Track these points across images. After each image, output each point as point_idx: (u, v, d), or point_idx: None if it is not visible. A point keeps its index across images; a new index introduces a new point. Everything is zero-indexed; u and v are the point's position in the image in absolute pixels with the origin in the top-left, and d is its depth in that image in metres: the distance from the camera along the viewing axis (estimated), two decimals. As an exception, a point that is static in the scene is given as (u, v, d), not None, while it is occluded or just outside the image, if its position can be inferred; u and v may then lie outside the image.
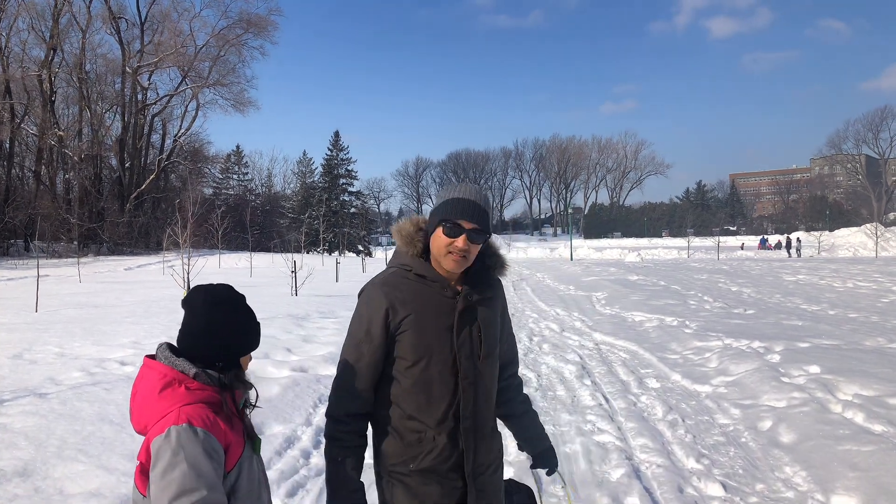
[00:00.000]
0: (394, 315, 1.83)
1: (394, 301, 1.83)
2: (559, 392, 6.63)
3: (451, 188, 1.92)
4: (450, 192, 1.90)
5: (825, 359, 6.93)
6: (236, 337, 1.81)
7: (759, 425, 5.30)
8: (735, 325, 9.98)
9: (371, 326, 1.84)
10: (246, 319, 1.85)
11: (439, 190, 2.09)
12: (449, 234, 1.83)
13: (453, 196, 1.88)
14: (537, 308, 14.03)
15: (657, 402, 6.12)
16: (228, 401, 1.76)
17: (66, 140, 38.10)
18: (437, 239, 1.86)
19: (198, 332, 1.78)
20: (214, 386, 1.74)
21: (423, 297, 1.86)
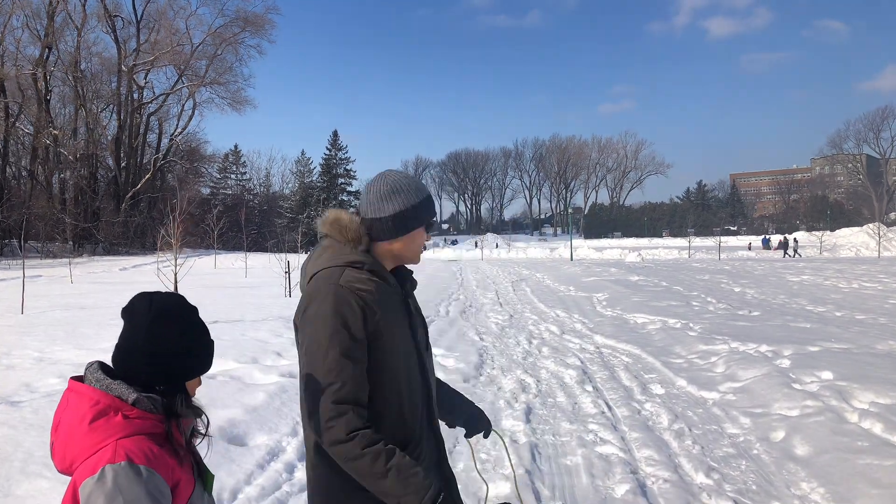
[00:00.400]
0: (371, 317, 1.64)
1: (367, 302, 1.65)
2: (559, 399, 6.33)
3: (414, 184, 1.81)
4: (420, 190, 1.81)
5: (837, 364, 6.63)
6: (183, 357, 1.52)
7: (772, 436, 5.00)
8: (741, 328, 9.68)
9: (354, 330, 1.61)
10: (196, 337, 1.56)
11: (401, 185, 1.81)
12: (429, 231, 1.84)
13: (427, 194, 1.83)
14: (537, 310, 13.74)
15: (662, 410, 5.83)
16: (175, 431, 1.47)
17: (61, 139, 37.78)
18: (417, 237, 1.81)
19: (137, 348, 1.49)
20: (158, 413, 1.45)
21: (384, 296, 1.71)
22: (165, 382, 1.49)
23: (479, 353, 8.50)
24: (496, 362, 8.07)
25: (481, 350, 8.81)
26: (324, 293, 1.63)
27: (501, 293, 17.95)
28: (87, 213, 37.08)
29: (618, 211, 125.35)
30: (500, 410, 5.93)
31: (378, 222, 1.75)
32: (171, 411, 1.47)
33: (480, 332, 10.37)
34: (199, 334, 1.57)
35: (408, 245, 1.80)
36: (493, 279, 23.98)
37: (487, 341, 9.57)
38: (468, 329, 10.64)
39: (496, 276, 26.10)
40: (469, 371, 7.48)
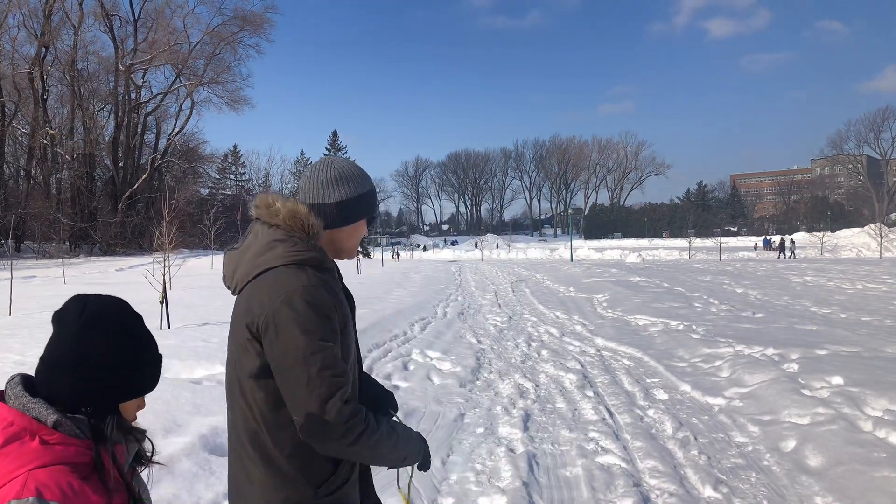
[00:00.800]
0: (339, 314, 1.56)
1: (337, 298, 1.58)
2: (559, 405, 6.09)
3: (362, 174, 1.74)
4: (367, 180, 1.74)
5: (847, 368, 6.39)
6: (116, 373, 1.27)
7: (782, 445, 4.75)
8: (745, 330, 9.44)
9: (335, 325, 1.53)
10: (135, 350, 1.31)
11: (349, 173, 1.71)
12: (370, 226, 1.79)
13: (373, 187, 1.76)
14: (536, 311, 13.49)
15: (666, 417, 5.58)
16: (105, 459, 1.22)
17: (58, 139, 37.52)
18: (360, 229, 1.74)
19: (62, 361, 1.24)
20: (84, 439, 1.21)
21: (340, 293, 1.63)
22: (94, 403, 1.25)
23: (476, 357, 8.26)
24: (494, 366, 7.82)
25: (479, 353, 8.56)
26: (303, 288, 1.51)
27: (500, 294, 17.71)
28: (83, 213, 36.78)
29: (618, 212, 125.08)
30: (497, 417, 5.68)
31: (320, 209, 1.65)
32: (100, 436, 1.23)
33: (478, 335, 10.12)
34: (140, 347, 1.32)
35: (350, 236, 1.72)
36: (492, 280, 23.74)
37: (485, 344, 9.33)
38: (466, 331, 10.40)
39: (495, 276, 25.86)
40: (466, 375, 7.23)
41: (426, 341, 9.21)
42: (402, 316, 11.45)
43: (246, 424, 1.56)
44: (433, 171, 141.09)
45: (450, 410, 5.88)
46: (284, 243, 1.57)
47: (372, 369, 7.35)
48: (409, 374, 7.25)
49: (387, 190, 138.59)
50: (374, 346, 8.47)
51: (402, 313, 11.81)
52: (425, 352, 8.40)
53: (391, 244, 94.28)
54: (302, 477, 1.55)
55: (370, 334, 9.21)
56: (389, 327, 10.01)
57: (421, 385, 6.77)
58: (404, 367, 7.54)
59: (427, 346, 8.76)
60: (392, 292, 16.31)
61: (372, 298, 14.26)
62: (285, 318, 1.47)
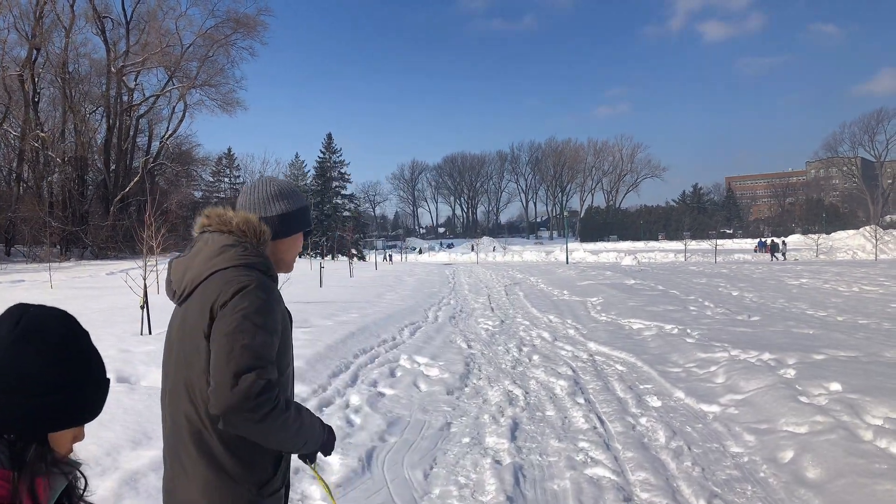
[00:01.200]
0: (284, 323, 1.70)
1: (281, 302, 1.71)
2: (549, 413, 5.88)
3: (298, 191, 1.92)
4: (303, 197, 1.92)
5: (846, 374, 6.20)
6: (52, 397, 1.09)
7: (779, 456, 4.55)
8: (741, 334, 9.25)
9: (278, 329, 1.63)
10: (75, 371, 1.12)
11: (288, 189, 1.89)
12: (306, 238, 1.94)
13: (307, 203, 1.93)
14: (529, 315, 13.29)
15: (659, 426, 5.38)
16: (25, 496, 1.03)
17: (49, 142, 37.18)
18: (298, 242, 1.90)
19: None
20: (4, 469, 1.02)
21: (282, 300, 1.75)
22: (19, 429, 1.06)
23: (465, 363, 8.05)
24: (483, 372, 7.62)
25: (468, 358, 8.35)
26: (256, 283, 1.61)
27: (494, 297, 17.51)
28: (74, 216, 36.42)
29: (614, 214, 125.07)
30: (484, 426, 5.48)
31: (264, 221, 1.77)
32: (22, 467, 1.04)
33: (469, 340, 9.91)
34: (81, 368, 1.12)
35: (289, 248, 1.87)
36: (486, 283, 23.54)
37: (476, 349, 9.12)
38: (456, 336, 10.19)
39: (490, 279, 25.66)
40: (454, 382, 7.02)
41: (415, 346, 9.00)
42: (392, 320, 11.24)
43: (190, 426, 1.60)
44: (429, 174, 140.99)
45: (436, 419, 5.68)
46: (236, 248, 1.68)
47: (358, 376, 7.14)
48: (395, 380, 7.04)
49: (382, 193, 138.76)
50: (360, 352, 8.26)
51: (392, 317, 11.59)
52: (413, 357, 8.19)
53: (386, 247, 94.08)
54: (246, 476, 1.61)
55: (357, 339, 9.00)
56: (378, 332, 9.79)
57: (407, 392, 6.56)
58: (391, 374, 7.33)
59: (416, 352, 8.55)
60: (384, 296, 16.09)
61: (362, 302, 14.04)
62: (234, 304, 1.55)
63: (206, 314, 1.58)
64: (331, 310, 11.98)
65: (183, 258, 1.74)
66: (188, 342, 1.62)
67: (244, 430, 1.52)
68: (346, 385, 6.70)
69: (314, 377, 6.76)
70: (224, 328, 1.54)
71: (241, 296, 1.56)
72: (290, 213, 1.82)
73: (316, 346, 8.11)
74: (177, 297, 1.72)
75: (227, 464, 1.59)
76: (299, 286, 18.81)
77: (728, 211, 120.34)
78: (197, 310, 1.61)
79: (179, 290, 1.70)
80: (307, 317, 10.70)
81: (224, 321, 1.54)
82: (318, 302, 13.66)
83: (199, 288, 1.64)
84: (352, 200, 72.64)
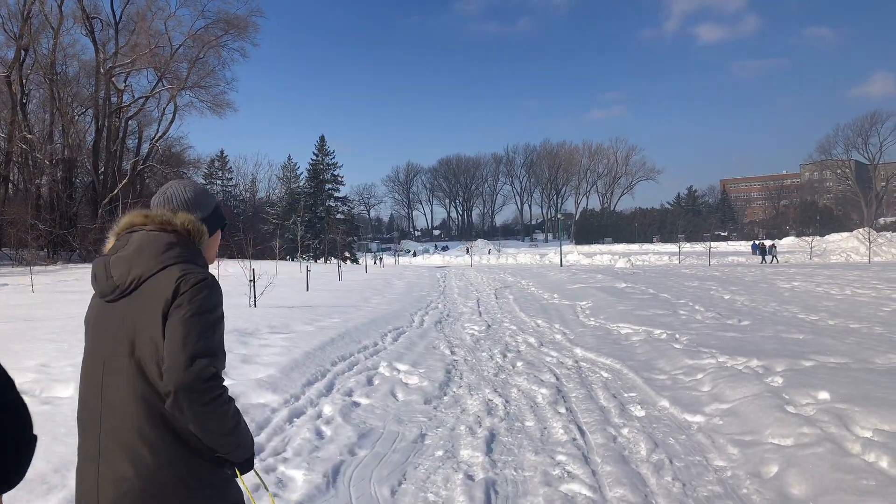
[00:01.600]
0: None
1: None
2: (528, 423, 5.67)
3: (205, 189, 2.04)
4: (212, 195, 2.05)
5: (835, 382, 6.01)
6: None
7: (763, 471, 4.35)
8: (730, 339, 9.06)
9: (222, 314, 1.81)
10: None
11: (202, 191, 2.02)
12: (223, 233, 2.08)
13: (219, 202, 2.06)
14: (517, 319, 13.08)
15: (641, 437, 5.18)
16: None
17: (36, 143, 36.80)
18: (218, 239, 2.04)
19: None
20: None
21: None
22: None
23: (446, 370, 7.83)
24: (464, 379, 7.40)
25: (450, 365, 8.13)
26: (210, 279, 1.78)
27: (483, 301, 17.29)
28: (62, 219, 36.03)
29: (608, 217, 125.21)
30: (460, 438, 5.26)
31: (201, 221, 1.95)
32: None
33: (453, 345, 9.70)
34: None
35: (212, 245, 2.00)
36: (476, 286, 23.32)
37: (459, 355, 8.90)
38: (440, 342, 9.96)
39: (480, 283, 25.45)
40: (432, 391, 6.80)
41: (396, 353, 8.77)
42: (376, 325, 11.00)
43: (150, 410, 1.67)
44: (424, 177, 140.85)
45: (410, 431, 5.46)
46: (180, 246, 1.82)
47: (334, 384, 6.91)
48: (372, 389, 6.81)
49: (377, 195, 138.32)
50: (339, 359, 8.03)
51: (375, 322, 11.36)
52: (394, 364, 7.97)
53: (381, 250, 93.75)
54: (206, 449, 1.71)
55: (337, 346, 8.77)
56: (359, 338, 9.56)
57: (383, 402, 6.33)
58: (368, 382, 7.10)
59: (396, 359, 8.33)
60: (370, 300, 15.85)
61: (347, 307, 13.81)
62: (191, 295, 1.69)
63: (162, 305, 1.69)
64: (313, 314, 11.74)
65: (122, 256, 1.80)
66: (142, 331, 1.70)
67: (189, 412, 1.61)
68: (321, 394, 6.47)
69: (287, 386, 6.53)
70: (182, 316, 1.66)
71: (197, 288, 1.71)
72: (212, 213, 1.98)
73: (293, 352, 7.88)
74: (119, 291, 1.77)
75: (195, 441, 1.69)
76: (286, 290, 18.54)
77: (723, 213, 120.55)
78: (150, 301, 1.71)
79: (124, 285, 1.77)
80: (288, 322, 10.47)
81: (182, 310, 1.67)
82: (301, 306, 13.41)
83: (148, 282, 1.74)
84: (345, 203, 72.31)
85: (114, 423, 1.69)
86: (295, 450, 4.86)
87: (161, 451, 1.66)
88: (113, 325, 1.76)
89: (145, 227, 1.84)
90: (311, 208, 65.91)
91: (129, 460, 1.66)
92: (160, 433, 1.67)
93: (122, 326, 1.73)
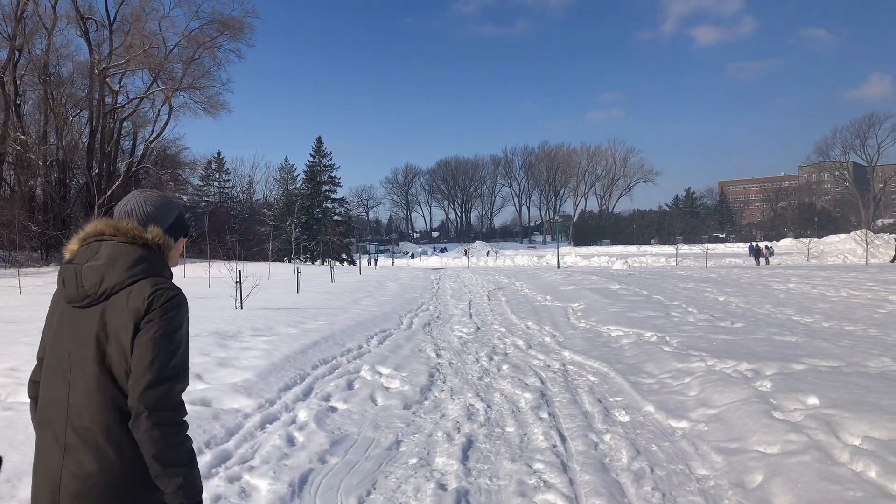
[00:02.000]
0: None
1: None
2: (508, 429, 5.49)
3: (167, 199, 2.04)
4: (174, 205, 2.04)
5: (825, 386, 5.83)
6: None
7: (747, 480, 4.18)
8: (721, 342, 8.89)
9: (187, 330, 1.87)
10: None
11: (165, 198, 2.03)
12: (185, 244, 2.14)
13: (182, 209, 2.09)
14: (507, 321, 12.90)
15: (623, 444, 5.00)
16: None
17: (31, 145, 36.57)
18: (179, 248, 2.05)
19: None
20: None
21: None
22: None
23: (430, 374, 7.65)
24: (448, 384, 7.22)
25: (434, 369, 7.95)
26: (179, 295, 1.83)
27: (475, 303, 17.12)
28: (56, 220, 35.80)
29: (607, 218, 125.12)
30: (437, 444, 5.08)
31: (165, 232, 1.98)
32: None
33: (439, 348, 9.52)
34: None
35: (175, 253, 2.02)
36: (470, 288, 23.14)
37: (444, 358, 8.72)
38: (427, 344, 9.78)
39: (475, 284, 25.27)
40: (413, 395, 6.62)
41: (380, 356, 8.59)
42: (362, 328, 10.82)
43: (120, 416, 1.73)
44: (423, 178, 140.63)
45: (386, 437, 5.28)
46: (149, 260, 1.86)
47: (312, 389, 6.74)
48: (351, 394, 6.63)
49: (376, 197, 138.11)
50: (320, 363, 7.85)
51: (362, 325, 11.17)
52: (376, 368, 7.79)
53: (379, 251, 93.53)
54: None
55: (320, 349, 8.60)
56: (344, 341, 9.38)
57: (361, 407, 6.15)
58: (348, 386, 6.92)
59: (380, 362, 8.15)
60: (360, 302, 15.66)
61: (336, 308, 13.62)
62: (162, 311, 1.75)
63: (134, 318, 1.74)
64: (300, 316, 11.56)
65: (94, 265, 1.82)
66: (112, 341, 1.75)
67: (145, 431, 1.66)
68: (297, 399, 6.29)
69: (263, 390, 6.35)
70: (153, 334, 1.72)
71: (168, 305, 1.77)
72: (176, 220, 2.01)
73: (272, 356, 7.70)
74: (89, 300, 1.79)
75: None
76: (277, 291, 18.36)
77: (721, 215, 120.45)
78: (122, 313, 1.75)
79: (95, 294, 1.79)
80: (272, 324, 10.29)
81: (153, 326, 1.73)
82: (289, 308, 13.23)
83: (120, 293, 1.78)
84: (342, 204, 72.07)
85: (82, 423, 1.74)
86: (263, 457, 4.68)
87: (126, 452, 1.72)
88: (81, 329, 1.80)
89: (115, 237, 1.87)
90: (308, 210, 65.69)
91: (95, 458, 1.71)
92: (128, 435, 1.72)
93: (92, 333, 1.77)
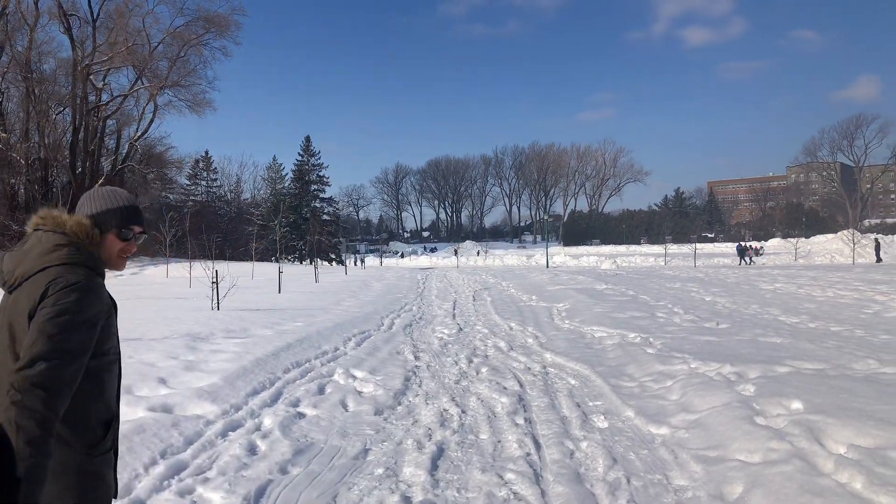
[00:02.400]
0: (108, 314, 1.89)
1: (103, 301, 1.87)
2: (482, 436, 5.27)
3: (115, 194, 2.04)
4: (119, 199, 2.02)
5: (809, 390, 5.65)
6: None
7: (726, 491, 3.97)
8: (704, 344, 8.71)
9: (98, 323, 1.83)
10: None
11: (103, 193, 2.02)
12: (124, 238, 2.00)
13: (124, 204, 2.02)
14: (490, 322, 12.69)
15: (600, 452, 4.79)
16: None
17: (13, 142, 36.00)
18: (112, 243, 1.99)
19: None
20: None
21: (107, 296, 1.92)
22: None
23: (405, 377, 7.41)
24: (423, 387, 6.99)
25: (410, 372, 7.72)
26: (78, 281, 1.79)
27: (460, 303, 16.90)
28: (38, 219, 35.17)
29: (596, 218, 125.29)
30: (406, 453, 4.84)
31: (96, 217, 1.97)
32: None
33: (418, 350, 9.28)
34: None
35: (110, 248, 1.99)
36: (456, 288, 22.92)
37: (422, 361, 8.49)
38: (405, 346, 9.55)
39: (461, 284, 25.05)
40: (385, 400, 6.39)
41: (356, 359, 8.35)
42: (341, 329, 10.56)
43: None
44: (413, 178, 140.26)
45: (353, 445, 5.04)
46: (67, 247, 1.86)
47: (281, 393, 6.48)
48: (321, 399, 6.38)
49: (366, 197, 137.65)
50: (293, 366, 7.59)
51: (341, 326, 10.91)
52: (351, 371, 7.54)
53: (369, 251, 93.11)
54: (77, 438, 1.80)
55: (294, 351, 8.34)
56: (319, 343, 9.12)
57: (330, 413, 5.91)
58: (319, 391, 6.68)
59: (355, 365, 7.91)
60: (342, 302, 15.40)
61: (316, 309, 13.35)
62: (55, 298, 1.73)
63: (32, 304, 1.75)
64: (278, 318, 11.29)
65: (15, 253, 1.89)
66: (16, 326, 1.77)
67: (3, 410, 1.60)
68: (264, 405, 6.04)
69: (229, 395, 6.09)
70: (41, 318, 1.71)
71: (65, 291, 1.74)
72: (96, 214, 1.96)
73: (243, 359, 7.44)
74: (7, 286, 1.87)
75: (61, 429, 1.72)
76: (258, 292, 18.08)
77: (709, 215, 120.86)
78: (25, 300, 1.78)
79: (11, 281, 1.85)
80: (248, 325, 10.01)
81: (43, 312, 1.72)
82: (267, 309, 12.96)
83: (29, 280, 1.80)
84: (331, 204, 71.59)
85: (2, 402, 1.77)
86: (220, 468, 4.43)
87: None
88: (1, 315, 1.85)
89: (44, 226, 1.92)
90: (296, 209, 65.22)
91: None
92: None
93: (5, 319, 1.82)
